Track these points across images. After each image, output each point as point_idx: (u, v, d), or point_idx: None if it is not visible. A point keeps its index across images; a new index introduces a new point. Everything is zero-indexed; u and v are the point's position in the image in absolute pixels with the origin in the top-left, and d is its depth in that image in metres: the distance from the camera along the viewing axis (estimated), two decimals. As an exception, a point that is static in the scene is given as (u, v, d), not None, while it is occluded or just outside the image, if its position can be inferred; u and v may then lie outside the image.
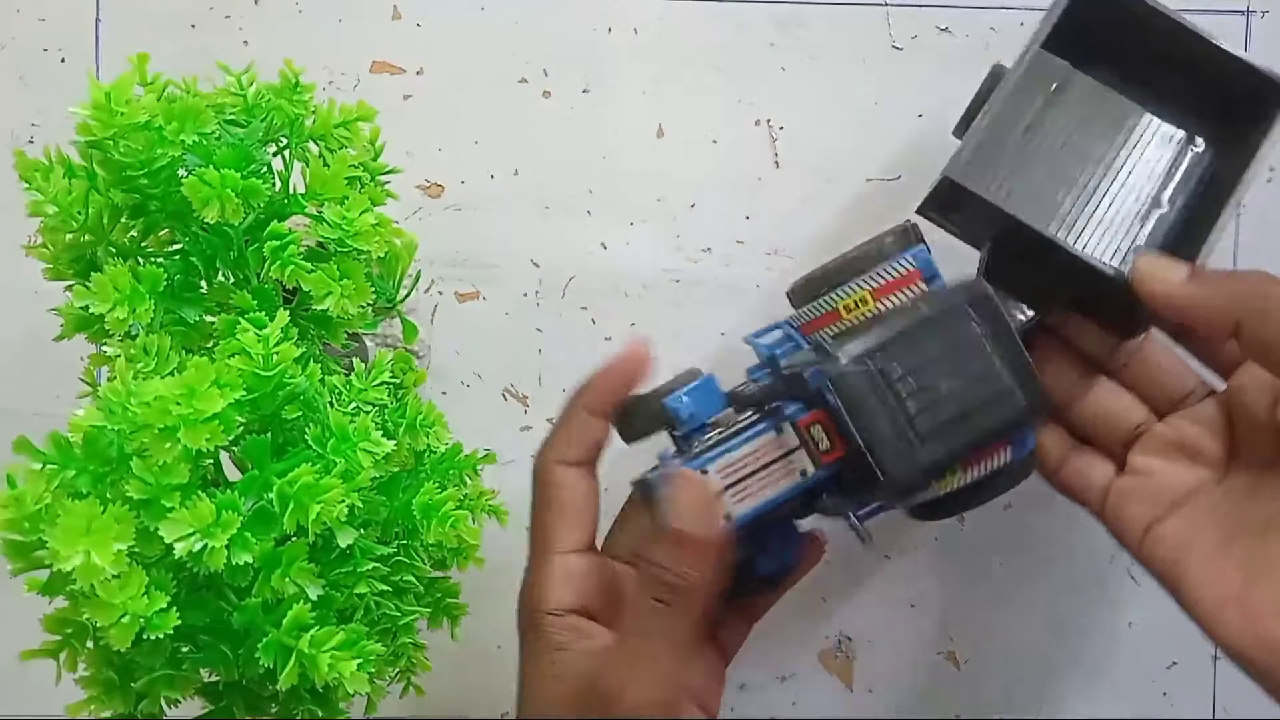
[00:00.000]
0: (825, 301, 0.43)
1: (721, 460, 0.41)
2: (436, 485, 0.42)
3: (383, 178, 0.46)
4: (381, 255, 0.44)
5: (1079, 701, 0.55)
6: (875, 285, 0.42)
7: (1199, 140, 0.47)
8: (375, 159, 0.46)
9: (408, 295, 0.49)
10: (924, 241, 0.44)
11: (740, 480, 0.41)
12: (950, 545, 0.55)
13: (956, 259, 0.46)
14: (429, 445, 0.45)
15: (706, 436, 0.42)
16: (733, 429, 0.42)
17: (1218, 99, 0.46)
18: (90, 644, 0.38)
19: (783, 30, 0.55)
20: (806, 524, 0.45)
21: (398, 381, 0.46)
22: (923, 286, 0.42)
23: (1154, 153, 0.48)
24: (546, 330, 0.55)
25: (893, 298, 0.42)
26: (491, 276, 0.55)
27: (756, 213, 0.55)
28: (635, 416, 0.43)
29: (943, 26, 0.54)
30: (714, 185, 0.55)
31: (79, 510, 0.34)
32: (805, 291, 0.45)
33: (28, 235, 0.42)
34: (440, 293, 0.55)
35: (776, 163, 0.55)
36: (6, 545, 0.35)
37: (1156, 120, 0.48)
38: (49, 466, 0.35)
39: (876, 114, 0.54)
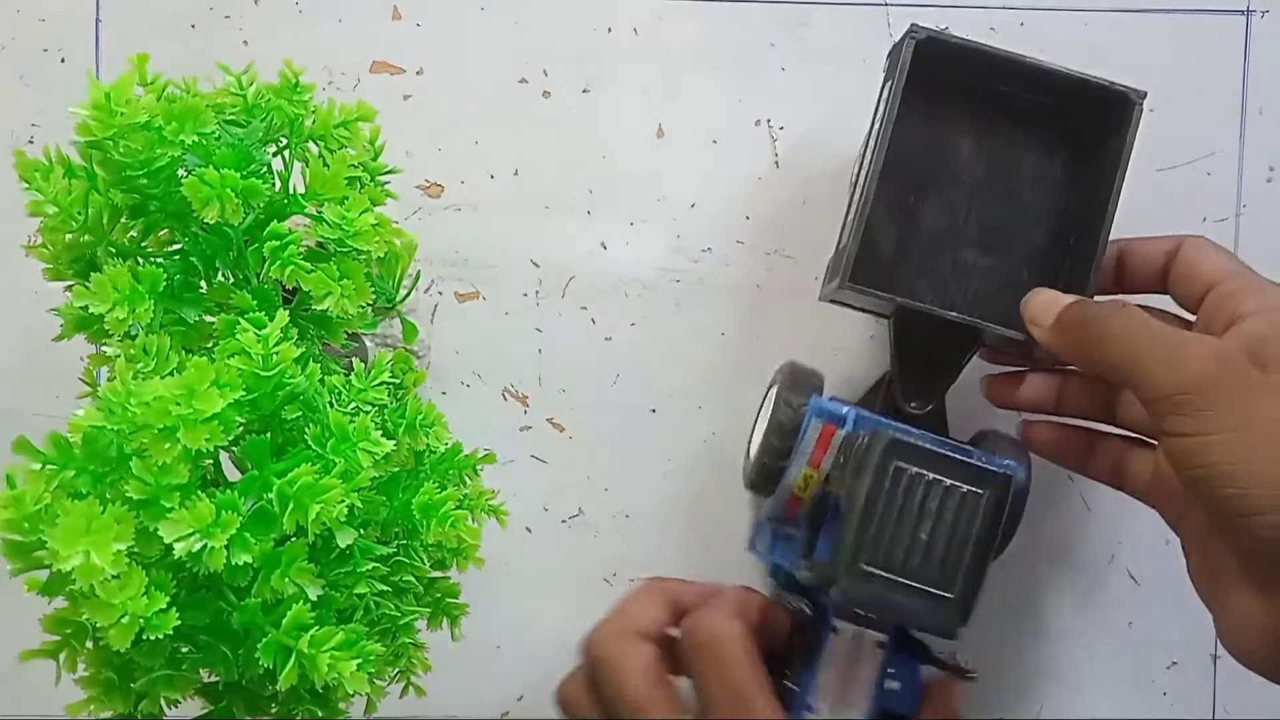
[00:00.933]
0: (782, 490, 0.47)
1: (816, 691, 0.44)
2: (436, 485, 0.42)
3: (383, 178, 0.46)
4: (381, 255, 0.44)
5: (1079, 701, 0.55)
6: (807, 458, 0.46)
7: (1059, 160, 0.50)
8: (375, 159, 0.46)
9: (408, 295, 0.49)
10: (814, 383, 0.48)
11: (841, 688, 0.44)
12: (950, 545, 0.55)
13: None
14: (429, 445, 0.45)
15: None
16: (805, 660, 0.45)
17: (1072, 118, 0.48)
18: (90, 644, 0.38)
19: (783, 30, 0.55)
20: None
21: (398, 381, 0.46)
22: (840, 433, 0.46)
23: (1025, 182, 0.50)
24: (546, 330, 0.55)
25: (826, 459, 0.46)
26: (491, 276, 0.55)
27: (756, 213, 0.55)
28: None
29: (943, 26, 0.54)
30: (714, 185, 0.55)
31: (79, 510, 0.34)
32: (761, 482, 0.48)
33: (28, 235, 0.42)
34: (440, 293, 0.55)
35: (776, 163, 0.55)
36: (6, 545, 0.35)
37: (1020, 149, 0.50)
38: (49, 466, 0.35)
39: (876, 114, 0.54)
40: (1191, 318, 0.44)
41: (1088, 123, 0.48)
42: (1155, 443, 0.45)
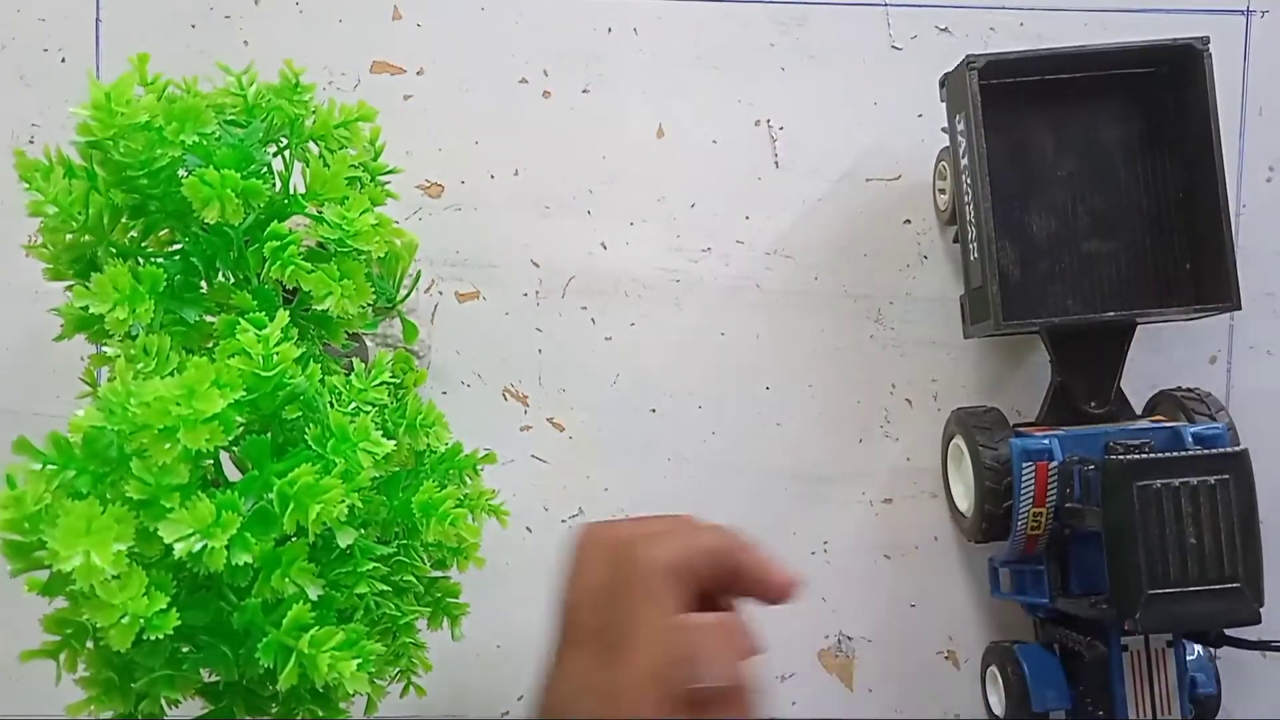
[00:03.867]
0: (1018, 533, 0.47)
1: (1127, 709, 0.45)
2: (436, 485, 0.42)
3: (383, 178, 0.46)
4: (381, 255, 0.44)
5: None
6: (1032, 499, 0.46)
7: (1137, 124, 0.50)
8: (375, 159, 0.46)
9: (408, 295, 0.49)
10: (1007, 425, 0.48)
11: (1149, 698, 0.46)
12: (950, 545, 0.55)
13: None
14: (429, 445, 0.45)
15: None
16: (1104, 685, 0.46)
17: (1140, 82, 0.49)
18: (90, 644, 0.38)
19: (783, 30, 0.55)
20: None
21: (398, 381, 0.46)
22: (1053, 465, 0.46)
23: (1115, 157, 0.50)
24: (546, 330, 0.55)
25: (1049, 494, 0.46)
26: (491, 276, 0.55)
27: (756, 213, 0.55)
28: None
29: (942, 26, 0.54)
30: (714, 185, 0.55)
31: (79, 510, 0.34)
32: (992, 531, 0.48)
33: (28, 235, 0.42)
34: (440, 293, 0.55)
35: (776, 163, 0.55)
36: (6, 545, 0.35)
37: (1099, 127, 0.51)
38: (49, 466, 0.35)
39: (876, 114, 0.54)
40: None
41: (1158, 82, 0.49)
42: None
